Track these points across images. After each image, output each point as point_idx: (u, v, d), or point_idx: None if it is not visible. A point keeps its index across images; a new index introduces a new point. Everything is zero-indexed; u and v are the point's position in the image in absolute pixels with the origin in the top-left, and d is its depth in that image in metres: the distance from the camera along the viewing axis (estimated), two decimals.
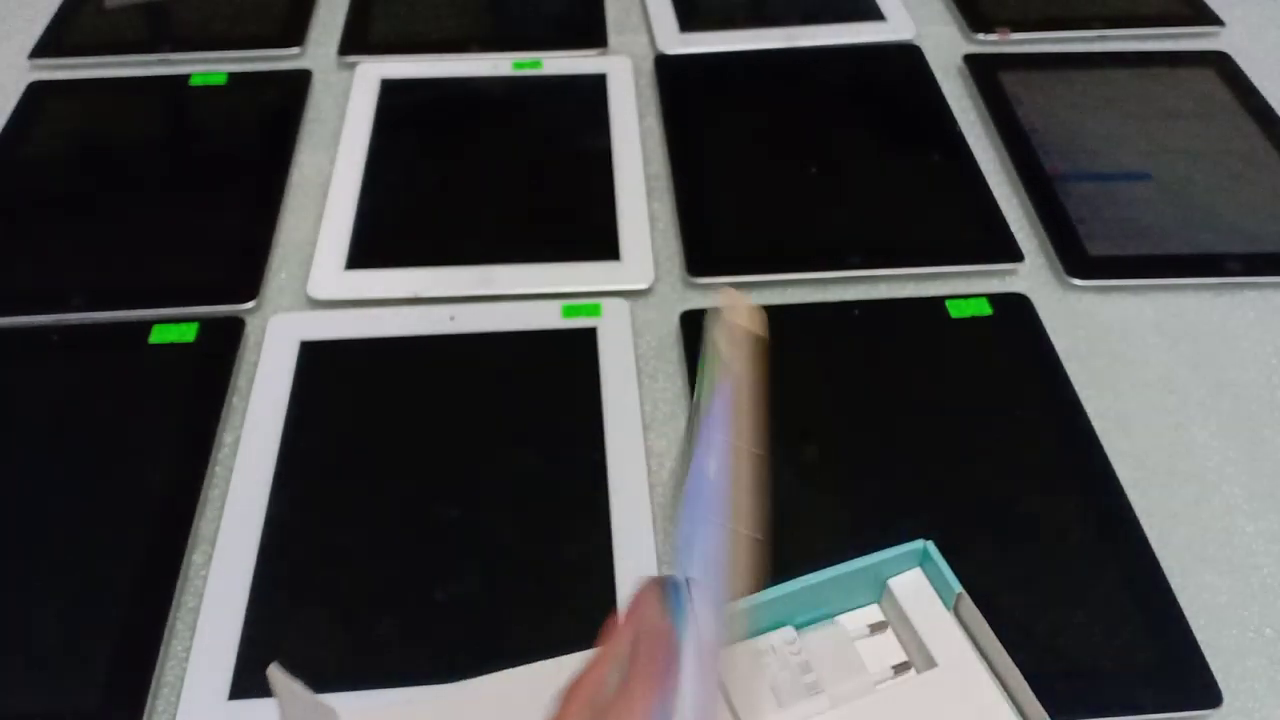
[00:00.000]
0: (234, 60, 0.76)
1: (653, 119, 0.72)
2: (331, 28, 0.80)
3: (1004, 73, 0.76)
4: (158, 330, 0.57)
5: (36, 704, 0.43)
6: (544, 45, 0.77)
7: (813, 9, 0.81)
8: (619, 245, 0.62)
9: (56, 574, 0.47)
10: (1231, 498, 0.51)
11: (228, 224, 0.64)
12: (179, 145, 0.71)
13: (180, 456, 0.51)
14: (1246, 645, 0.46)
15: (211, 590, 0.46)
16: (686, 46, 0.78)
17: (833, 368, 0.56)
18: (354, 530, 0.49)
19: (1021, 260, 0.62)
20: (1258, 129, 0.71)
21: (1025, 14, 0.81)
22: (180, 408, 0.53)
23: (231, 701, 0.43)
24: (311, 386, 0.54)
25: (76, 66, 0.76)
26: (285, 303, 0.60)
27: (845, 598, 0.39)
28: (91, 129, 0.71)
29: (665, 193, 0.66)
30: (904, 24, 0.80)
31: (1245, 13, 0.82)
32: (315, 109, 0.73)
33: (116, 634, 0.45)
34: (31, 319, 0.58)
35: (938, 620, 0.38)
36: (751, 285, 0.60)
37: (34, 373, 0.55)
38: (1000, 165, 0.69)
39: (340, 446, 0.52)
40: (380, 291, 0.59)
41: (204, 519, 0.49)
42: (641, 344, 0.57)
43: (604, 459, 0.51)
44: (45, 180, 0.67)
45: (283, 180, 0.67)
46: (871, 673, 0.37)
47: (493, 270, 0.60)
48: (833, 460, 0.51)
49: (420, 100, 0.73)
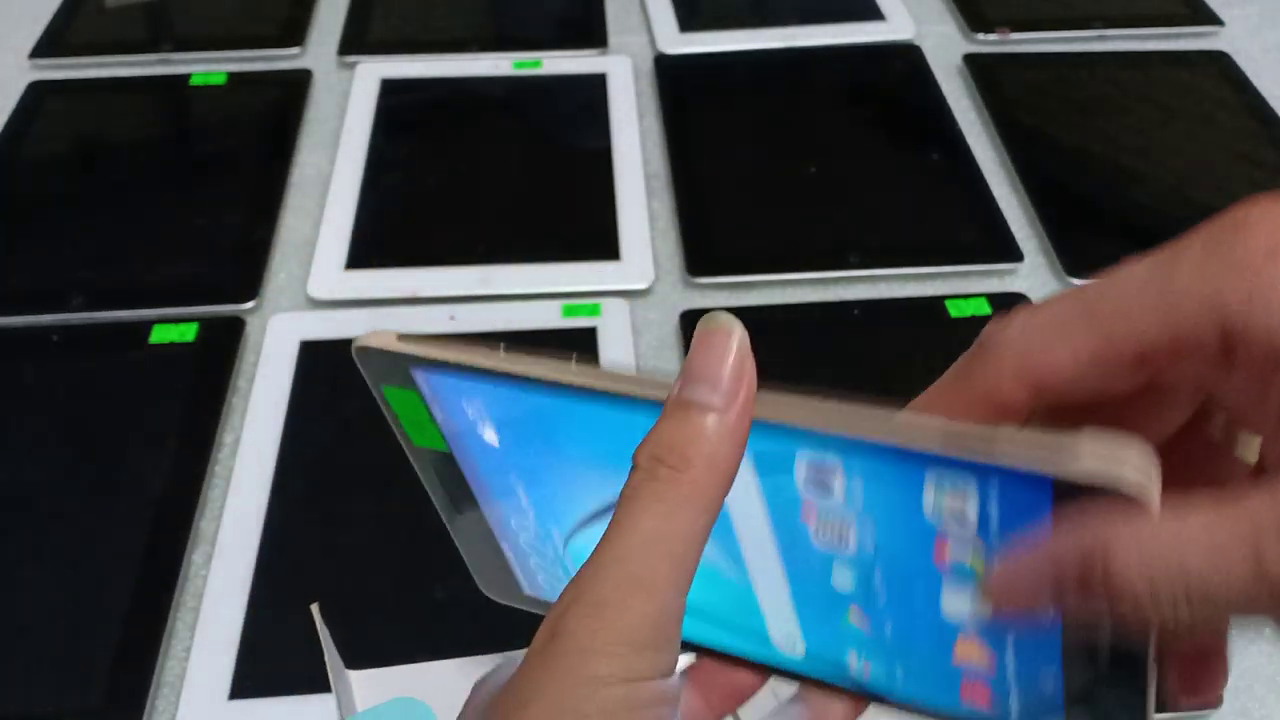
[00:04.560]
0: (234, 60, 0.76)
1: (652, 119, 0.72)
2: (331, 28, 0.80)
3: (1004, 73, 0.76)
4: (158, 330, 0.57)
5: (36, 704, 0.43)
6: (544, 45, 0.77)
7: (813, 9, 0.81)
8: (619, 245, 0.62)
9: (57, 574, 0.47)
10: None
11: (228, 224, 0.64)
12: (179, 145, 0.71)
13: (180, 456, 0.51)
14: (1246, 645, 0.46)
15: (211, 590, 0.46)
16: (686, 46, 0.78)
17: (833, 368, 0.56)
18: (354, 530, 0.49)
19: (1021, 260, 0.62)
20: (1258, 129, 0.71)
21: (1025, 14, 0.81)
22: (180, 408, 0.53)
23: (231, 701, 0.43)
24: (311, 386, 0.54)
25: (76, 66, 0.76)
26: (285, 303, 0.60)
27: None
28: (91, 129, 0.71)
29: (665, 193, 0.66)
30: (904, 24, 0.80)
31: (1245, 13, 0.82)
32: (315, 109, 0.73)
33: (116, 634, 0.45)
34: (31, 319, 0.58)
35: None
36: (751, 285, 0.60)
37: (34, 373, 0.55)
38: (1000, 165, 0.69)
39: (340, 446, 0.52)
40: (380, 291, 0.59)
41: (204, 519, 0.49)
42: (641, 344, 0.57)
43: None
44: (45, 180, 0.67)
45: (283, 180, 0.67)
46: None
47: (492, 270, 0.60)
48: None
49: (420, 100, 0.73)
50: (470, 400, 0.24)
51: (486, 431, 0.24)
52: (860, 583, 0.22)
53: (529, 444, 0.24)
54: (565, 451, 0.23)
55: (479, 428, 0.24)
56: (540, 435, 0.23)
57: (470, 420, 0.24)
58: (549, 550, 0.26)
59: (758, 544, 0.23)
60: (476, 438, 0.24)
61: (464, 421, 0.24)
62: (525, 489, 0.25)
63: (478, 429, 0.24)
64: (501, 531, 0.27)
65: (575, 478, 0.24)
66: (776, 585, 0.23)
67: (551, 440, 0.23)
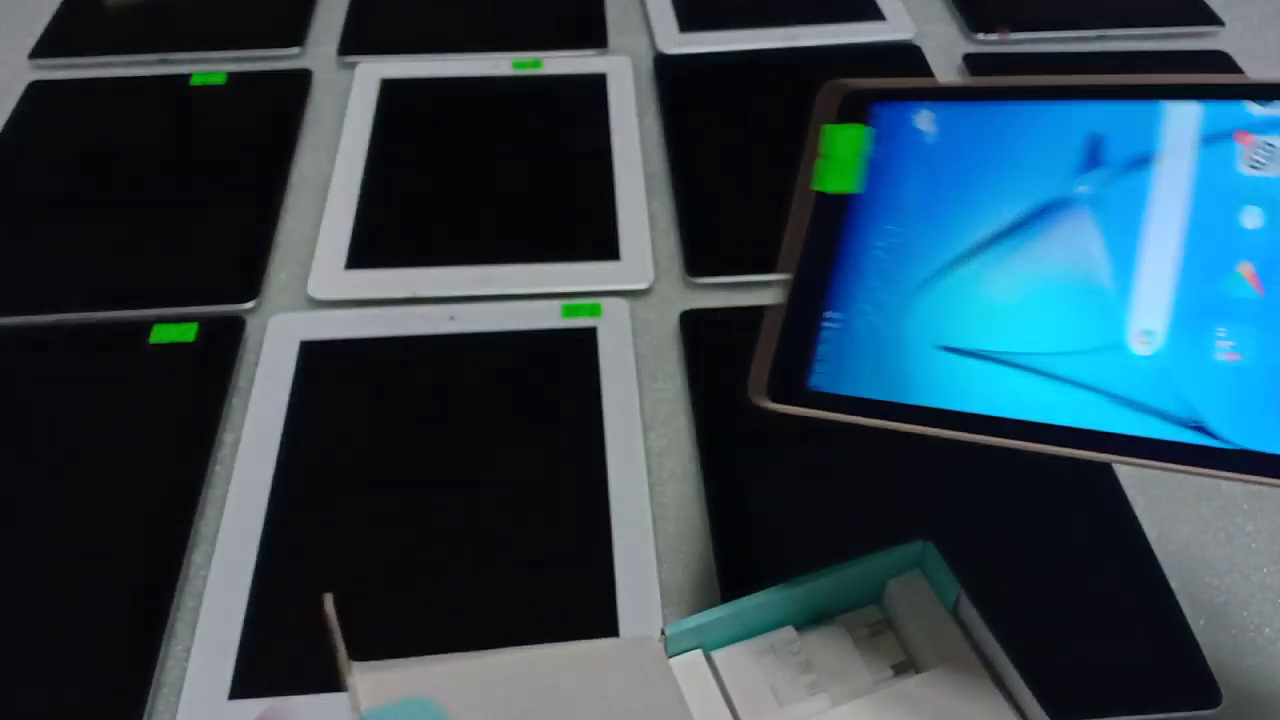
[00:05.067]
0: (234, 60, 0.76)
1: (652, 119, 0.72)
2: (331, 28, 0.80)
3: (1004, 73, 0.76)
4: (158, 330, 0.57)
5: (36, 704, 0.43)
6: (544, 45, 0.77)
7: (813, 9, 0.81)
8: (619, 245, 0.62)
9: (56, 574, 0.47)
10: (1231, 498, 0.51)
11: (228, 224, 0.64)
12: (179, 145, 0.71)
13: (180, 456, 0.51)
14: (1246, 645, 0.46)
15: (211, 590, 0.46)
16: (686, 46, 0.78)
17: None
18: (354, 530, 0.49)
19: None
20: None
21: (1025, 14, 0.81)
22: (180, 408, 0.53)
23: (231, 701, 0.43)
24: (311, 386, 0.54)
25: (76, 66, 0.76)
26: (285, 303, 0.60)
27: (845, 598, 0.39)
28: (91, 129, 0.71)
29: (665, 193, 0.66)
30: (904, 24, 0.80)
31: (1245, 12, 0.82)
32: (315, 109, 0.73)
33: (116, 634, 0.45)
34: (31, 319, 0.58)
35: (938, 620, 0.38)
36: (751, 285, 0.60)
37: (34, 373, 0.55)
38: None
39: (340, 446, 0.52)
40: (380, 291, 0.59)
41: (204, 519, 0.49)
42: (641, 344, 0.57)
43: (604, 459, 0.51)
44: (45, 180, 0.67)
45: (283, 180, 0.67)
46: (871, 673, 0.37)
47: (492, 270, 0.60)
48: (833, 460, 0.51)
49: (420, 100, 0.73)
50: (919, 128, 0.27)
51: (919, 161, 0.27)
52: (1273, 224, 0.21)
53: (959, 161, 0.26)
54: (995, 161, 0.26)
55: (913, 156, 0.27)
56: (975, 151, 0.26)
57: (906, 151, 0.27)
58: (894, 297, 0.28)
59: (1170, 200, 0.23)
60: (903, 169, 0.27)
61: (898, 153, 0.27)
62: (920, 218, 0.27)
63: (910, 159, 0.27)
64: (847, 291, 0.29)
65: (989, 196, 0.26)
66: (1168, 249, 0.23)
67: (989, 151, 0.26)
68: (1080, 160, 0.23)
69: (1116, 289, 0.23)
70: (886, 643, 0.38)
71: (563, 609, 0.46)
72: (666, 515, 0.50)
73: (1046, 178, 0.22)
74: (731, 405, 0.54)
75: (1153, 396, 0.23)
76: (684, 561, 0.48)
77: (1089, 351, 0.24)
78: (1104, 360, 0.24)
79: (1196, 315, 0.23)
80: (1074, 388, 0.24)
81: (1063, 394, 0.24)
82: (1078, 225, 0.23)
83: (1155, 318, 0.23)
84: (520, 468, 0.51)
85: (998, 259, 0.25)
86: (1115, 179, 0.23)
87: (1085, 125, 0.23)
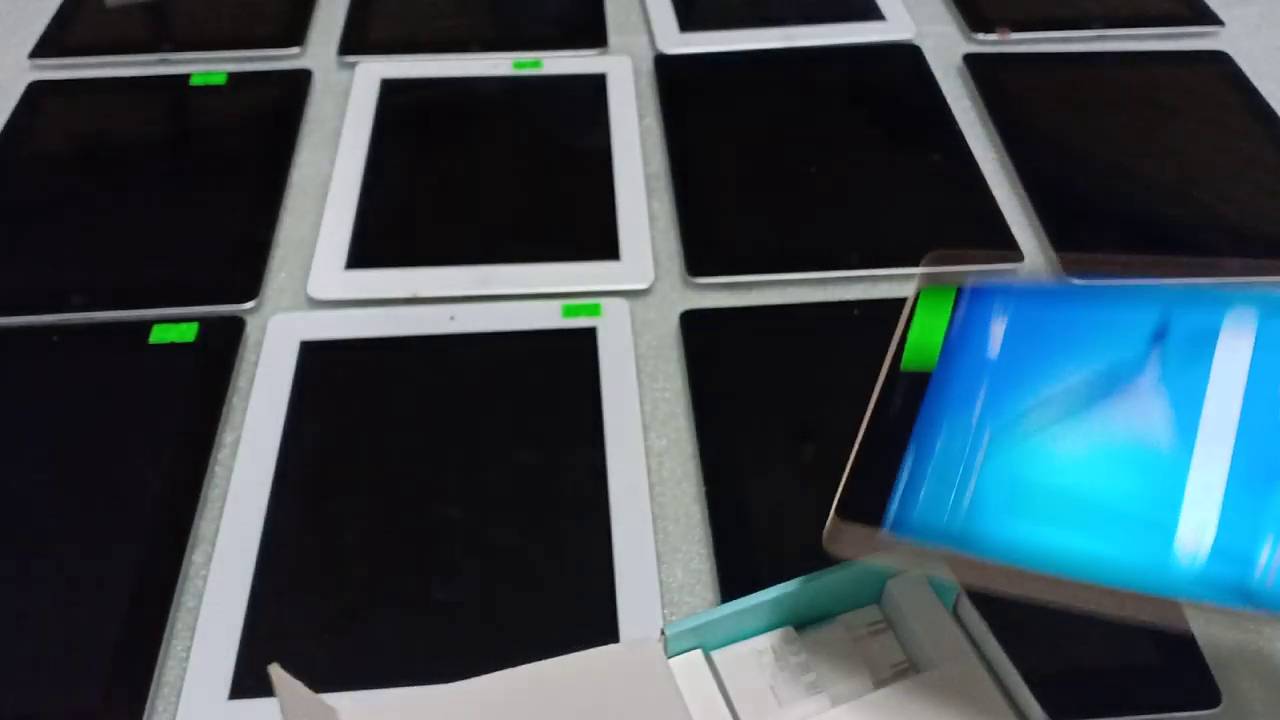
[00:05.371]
0: (234, 60, 0.76)
1: (652, 119, 0.72)
2: (331, 28, 0.80)
3: (1004, 73, 0.76)
4: (158, 330, 0.57)
5: (36, 704, 0.43)
6: (544, 45, 0.77)
7: (812, 9, 0.81)
8: (619, 245, 0.62)
9: (56, 574, 0.47)
10: None
11: (228, 224, 0.64)
12: (179, 145, 0.71)
13: (180, 456, 0.51)
14: (1246, 645, 0.46)
15: (211, 590, 0.46)
16: (686, 46, 0.78)
17: (833, 368, 0.56)
18: (354, 530, 0.49)
19: (1022, 260, 0.62)
20: (1258, 129, 0.71)
21: (1025, 14, 0.81)
22: (180, 408, 0.53)
23: (231, 701, 0.43)
24: (311, 386, 0.54)
25: (76, 66, 0.76)
26: (285, 303, 0.60)
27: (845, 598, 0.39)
28: (91, 129, 0.71)
29: (665, 193, 0.66)
30: (904, 24, 0.80)
31: (1245, 13, 0.82)
32: (315, 109, 0.73)
33: (116, 634, 0.45)
34: (31, 319, 0.58)
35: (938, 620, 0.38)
36: (751, 285, 0.60)
37: (34, 373, 0.55)
38: (1000, 165, 0.69)
39: (340, 446, 0.52)
40: (380, 291, 0.59)
41: (204, 519, 0.49)
42: (641, 344, 0.57)
43: (604, 459, 0.51)
44: (45, 180, 0.67)
45: (283, 180, 0.67)
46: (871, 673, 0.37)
47: (492, 270, 0.60)
48: (833, 460, 0.51)
49: (420, 100, 0.73)
50: (1000, 315, 0.29)
51: (994, 343, 0.30)
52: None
53: (1029, 350, 0.29)
54: (1068, 351, 0.28)
55: (988, 340, 0.30)
56: (1050, 340, 0.28)
57: (981, 334, 0.29)
58: (964, 450, 0.30)
59: (1221, 403, 0.23)
60: (974, 351, 0.30)
61: (974, 336, 0.30)
62: (988, 398, 0.29)
63: (985, 341, 0.30)
64: (922, 450, 0.30)
65: (1055, 379, 0.28)
66: (1219, 454, 0.24)
67: (1057, 343, 0.28)
68: (1145, 349, 0.25)
69: (1173, 484, 0.25)
70: (886, 643, 0.38)
71: (563, 609, 0.46)
72: (666, 515, 0.50)
73: (1116, 362, 0.24)
74: (731, 405, 0.54)
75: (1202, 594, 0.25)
76: (684, 561, 0.48)
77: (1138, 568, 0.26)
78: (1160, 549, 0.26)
79: (1242, 524, 0.24)
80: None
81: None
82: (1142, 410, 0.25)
83: (1206, 520, 0.24)
84: (520, 468, 0.51)
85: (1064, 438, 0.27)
86: (1177, 371, 0.25)
87: (1152, 321, 0.25)
